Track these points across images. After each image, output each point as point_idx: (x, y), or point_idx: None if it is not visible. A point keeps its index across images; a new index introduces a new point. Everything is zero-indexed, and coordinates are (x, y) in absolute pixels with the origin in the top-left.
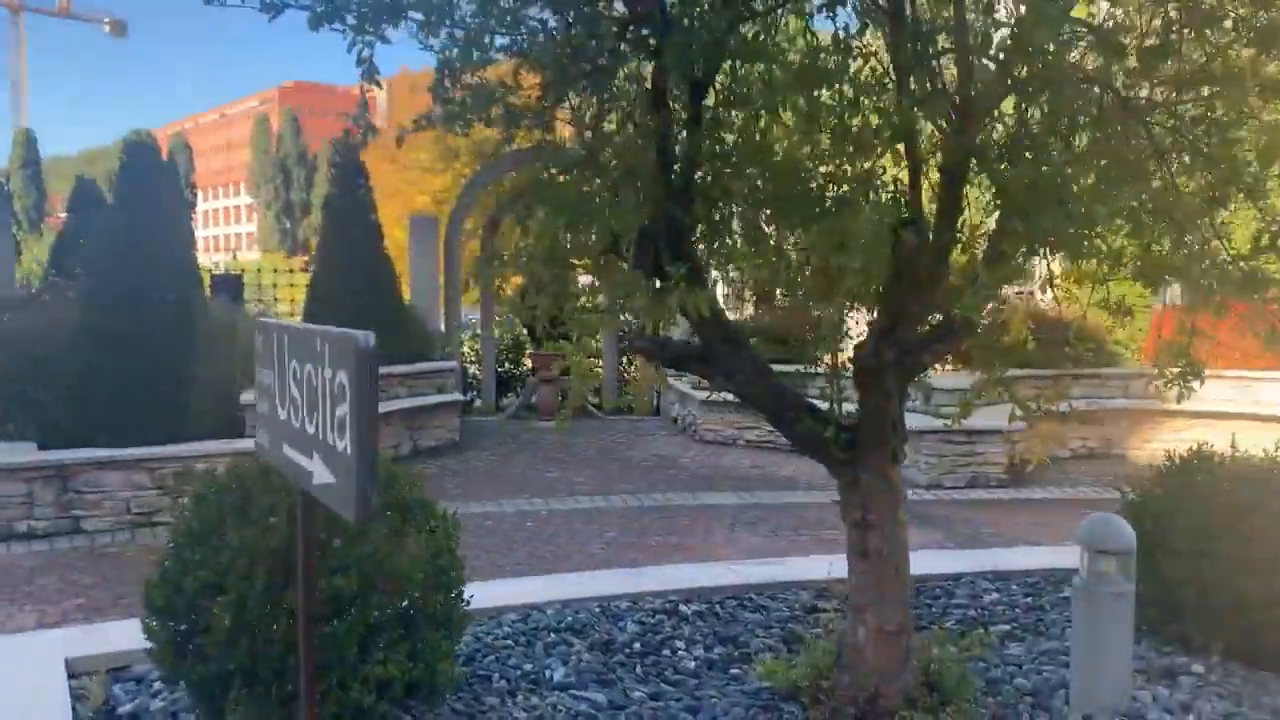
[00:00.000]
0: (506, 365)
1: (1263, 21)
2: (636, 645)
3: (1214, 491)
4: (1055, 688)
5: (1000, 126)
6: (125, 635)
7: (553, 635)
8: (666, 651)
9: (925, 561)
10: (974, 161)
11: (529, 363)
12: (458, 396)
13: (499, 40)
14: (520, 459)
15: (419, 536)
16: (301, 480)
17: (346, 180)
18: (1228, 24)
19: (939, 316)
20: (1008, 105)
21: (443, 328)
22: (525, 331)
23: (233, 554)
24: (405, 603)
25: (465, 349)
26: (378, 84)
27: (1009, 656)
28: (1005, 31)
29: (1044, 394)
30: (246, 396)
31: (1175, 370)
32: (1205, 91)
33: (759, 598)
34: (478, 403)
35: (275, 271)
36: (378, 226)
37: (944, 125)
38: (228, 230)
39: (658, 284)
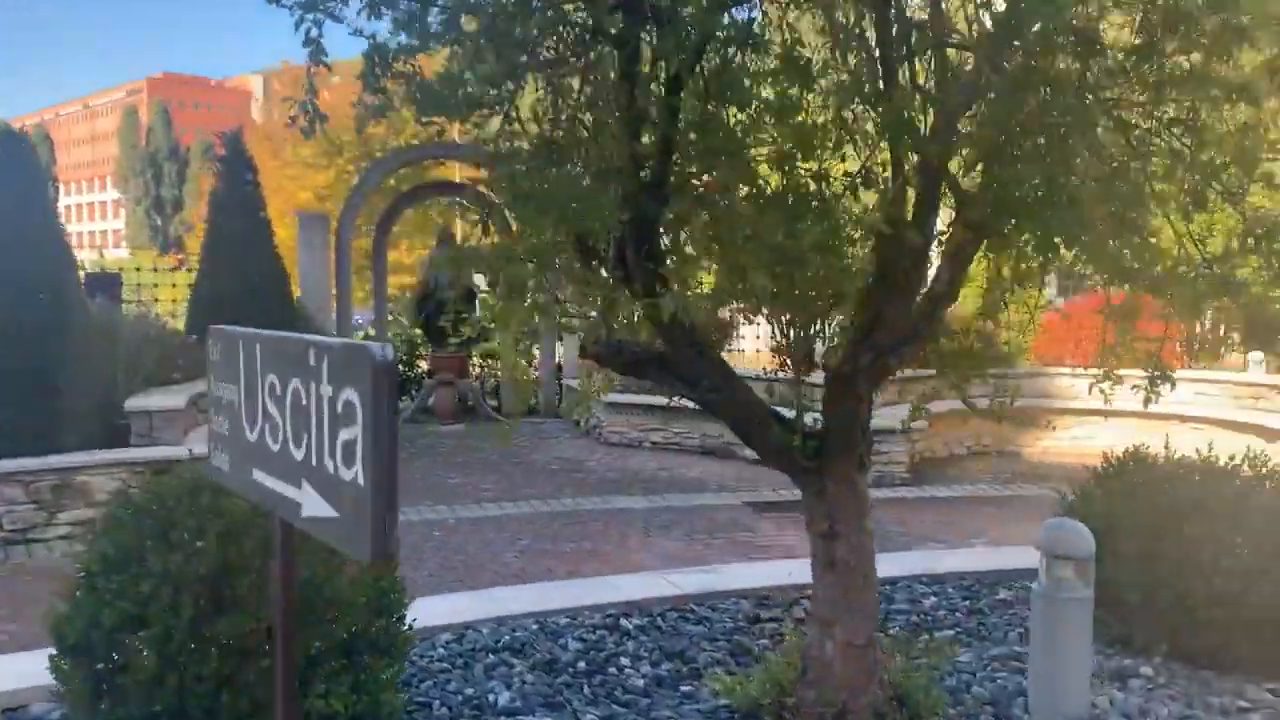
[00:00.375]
0: (400, 367)
1: (1215, 24)
2: (581, 664)
3: (1154, 492)
4: (1013, 695)
5: (996, 130)
6: (22, 671)
7: (491, 656)
8: (613, 669)
9: None
10: (976, 165)
11: (425, 364)
12: None
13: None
14: (420, 464)
15: None
16: (284, 511)
17: (234, 175)
18: (1181, 28)
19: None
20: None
21: (334, 328)
22: (420, 332)
23: (155, 583)
24: (345, 631)
25: None
26: (326, 65)
27: (960, 664)
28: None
29: (1009, 395)
30: (131, 403)
31: (1146, 374)
32: (1181, 92)
33: (700, 609)
34: None
35: (155, 270)
36: (268, 223)
37: (923, 123)
38: (93, 227)
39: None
